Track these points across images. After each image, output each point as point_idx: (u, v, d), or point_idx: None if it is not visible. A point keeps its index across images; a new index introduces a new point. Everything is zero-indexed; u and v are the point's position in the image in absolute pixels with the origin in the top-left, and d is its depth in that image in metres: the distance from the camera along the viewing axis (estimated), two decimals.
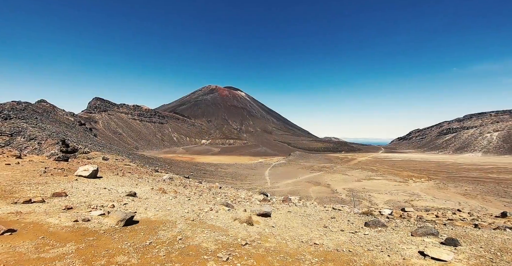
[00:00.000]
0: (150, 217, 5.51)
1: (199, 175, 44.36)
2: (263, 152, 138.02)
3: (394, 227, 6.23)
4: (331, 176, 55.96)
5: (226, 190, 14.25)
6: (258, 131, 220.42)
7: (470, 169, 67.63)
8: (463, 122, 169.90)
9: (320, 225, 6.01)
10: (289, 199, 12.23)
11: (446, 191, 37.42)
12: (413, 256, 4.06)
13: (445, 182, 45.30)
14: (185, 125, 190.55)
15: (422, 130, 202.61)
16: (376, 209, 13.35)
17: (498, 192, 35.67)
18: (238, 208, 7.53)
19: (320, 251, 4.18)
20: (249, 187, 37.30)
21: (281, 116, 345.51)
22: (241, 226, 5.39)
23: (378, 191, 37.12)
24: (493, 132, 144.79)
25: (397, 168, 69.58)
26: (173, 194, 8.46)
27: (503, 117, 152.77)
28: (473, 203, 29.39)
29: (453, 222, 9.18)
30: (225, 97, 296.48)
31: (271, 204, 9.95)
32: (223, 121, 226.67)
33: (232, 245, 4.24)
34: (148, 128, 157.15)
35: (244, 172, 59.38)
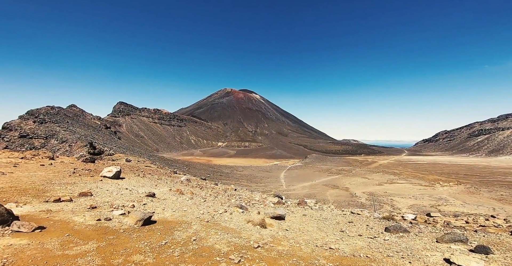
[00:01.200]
0: (167, 217, 5.70)
1: (215, 177, 45.08)
2: (278, 154, 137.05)
3: (417, 232, 5.92)
4: (350, 179, 54.13)
5: (241, 192, 14.34)
6: (273, 134, 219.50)
7: (506, 173, 61.88)
8: (497, 123, 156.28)
9: (337, 230, 5.85)
10: (304, 202, 11.99)
11: (478, 196, 34.85)
12: (437, 263, 3.83)
13: (477, 187, 42.04)
14: (202, 128, 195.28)
15: (450, 132, 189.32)
16: (398, 214, 12.65)
17: None
18: (252, 211, 7.53)
19: (336, 256, 4.06)
20: (264, 190, 37.20)
21: (297, 118, 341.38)
22: (254, 229, 5.39)
23: (401, 195, 35.30)
24: None
25: (422, 172, 65.53)
26: (189, 195, 8.68)
27: None
28: (510, 209, 27.24)
29: (486, 228, 8.54)
30: (240, 100, 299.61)
31: (286, 207, 9.81)
32: (239, 124, 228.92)
33: (244, 247, 4.24)
34: (167, 131, 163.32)
35: (259, 175, 59.37)
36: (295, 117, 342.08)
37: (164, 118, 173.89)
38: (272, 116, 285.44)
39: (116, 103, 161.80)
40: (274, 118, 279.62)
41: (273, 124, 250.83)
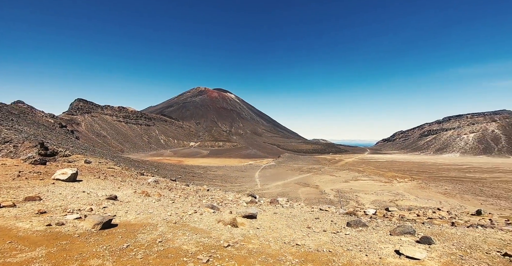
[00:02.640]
0: (130, 220, 5.38)
1: (187, 178, 43.61)
2: (253, 154, 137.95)
3: (374, 226, 6.33)
4: (319, 177, 56.78)
5: (214, 192, 14.07)
6: (248, 133, 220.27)
7: (450, 169, 71.01)
8: (442, 124, 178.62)
9: (304, 226, 6.06)
10: (276, 200, 12.25)
11: (428, 191, 38.91)
12: (389, 255, 4.12)
13: (426, 182, 47.15)
14: (173, 127, 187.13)
15: (405, 132, 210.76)
16: (361, 209, 13.62)
17: (475, 190, 37.59)
18: (224, 211, 7.45)
19: (302, 251, 4.21)
20: (239, 189, 37.16)
21: (271, 118, 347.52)
22: (225, 228, 5.35)
23: (364, 191, 38.04)
24: (469, 133, 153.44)
25: (382, 169, 71.72)
26: (156, 197, 8.26)
27: (478, 119, 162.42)
28: (452, 202, 30.67)
29: (433, 220, 9.50)
30: (214, 99, 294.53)
31: (258, 206, 9.92)
32: (213, 123, 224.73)
33: (214, 247, 4.20)
34: (134, 131, 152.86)
35: (234, 174, 59.04)
36: (269, 117, 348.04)
37: (131, 117, 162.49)
38: (247, 116, 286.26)
39: (74, 100, 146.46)
40: (249, 118, 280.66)
41: (248, 124, 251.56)
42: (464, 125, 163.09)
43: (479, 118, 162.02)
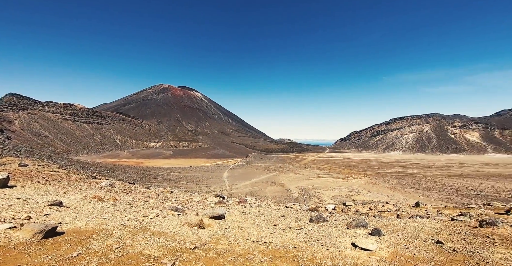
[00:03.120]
0: (80, 227, 4.80)
1: (147, 181, 40.57)
2: (221, 154, 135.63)
3: (334, 221, 6.72)
4: (285, 175, 58.69)
5: (178, 194, 13.37)
6: (216, 133, 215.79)
7: (394, 166, 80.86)
8: (389, 125, 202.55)
9: (271, 224, 6.16)
10: (245, 200, 12.24)
11: (378, 186, 43.19)
12: (347, 247, 4.39)
13: (377, 178, 52.58)
14: (131, 127, 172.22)
15: (359, 132, 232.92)
16: (323, 205, 14.36)
17: (414, 185, 43.09)
18: (189, 213, 7.14)
19: (269, 249, 4.26)
20: (206, 190, 36.08)
21: (239, 118, 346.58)
22: (191, 230, 5.12)
23: (325, 188, 40.55)
24: (410, 133, 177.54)
25: (340, 166, 77.88)
26: (112, 202, 7.45)
27: (416, 121, 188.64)
28: (397, 195, 34.05)
29: (382, 213, 10.39)
30: (179, 97, 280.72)
31: (227, 206, 9.79)
32: (176, 122, 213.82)
33: (179, 250, 4.00)
34: (83, 130, 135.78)
35: (200, 175, 57.07)
36: (238, 117, 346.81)
37: (79, 114, 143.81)
38: (215, 115, 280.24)
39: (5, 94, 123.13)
40: (216, 118, 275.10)
41: (215, 124, 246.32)
42: (406, 126, 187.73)
43: (417, 120, 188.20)
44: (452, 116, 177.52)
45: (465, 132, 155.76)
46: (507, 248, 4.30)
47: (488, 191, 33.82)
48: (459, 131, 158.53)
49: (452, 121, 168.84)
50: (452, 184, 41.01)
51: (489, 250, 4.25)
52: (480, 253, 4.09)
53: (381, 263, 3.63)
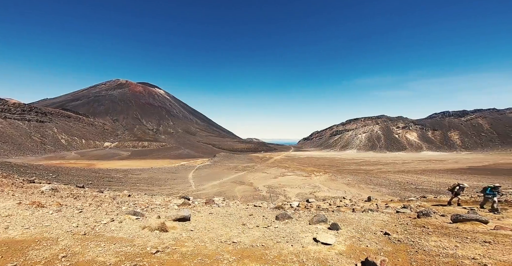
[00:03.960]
0: (15, 236, 4.11)
1: (101, 184, 36.43)
2: (185, 154, 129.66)
3: (297, 218, 6.95)
4: (253, 175, 59.13)
5: (137, 197, 12.32)
6: (180, 132, 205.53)
7: (350, 163, 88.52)
8: (345, 126, 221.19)
9: (240, 223, 6.13)
10: (212, 200, 11.97)
11: (337, 182, 46.10)
12: (309, 243, 4.56)
13: (335, 175, 56.59)
14: (80, 125, 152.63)
15: (320, 132, 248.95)
16: (288, 202, 14.80)
17: (367, 180, 47.19)
18: (150, 216, 6.64)
19: (238, 248, 4.24)
20: (170, 192, 34.08)
21: (205, 117, 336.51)
22: (152, 234, 4.77)
23: (290, 185, 41.90)
24: (362, 133, 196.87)
25: (303, 165, 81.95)
26: (55, 208, 6.45)
27: (368, 122, 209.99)
28: (353, 191, 36.62)
29: (340, 208, 11.00)
30: (138, 94, 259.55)
31: (192, 208, 9.41)
32: (135, 121, 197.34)
33: (139, 255, 3.69)
34: (18, 128, 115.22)
35: (162, 177, 53.61)
36: (204, 116, 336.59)
37: (12, 111, 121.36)
38: (179, 114, 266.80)
39: None
40: (181, 116, 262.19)
41: (179, 122, 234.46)
42: (359, 127, 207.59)
43: (368, 121, 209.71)
44: (397, 118, 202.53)
45: (406, 133, 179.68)
46: (438, 236, 4.87)
47: (424, 185, 38.79)
48: (402, 132, 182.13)
49: (397, 123, 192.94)
50: (397, 179, 46.22)
51: (425, 238, 4.70)
52: (419, 242, 4.51)
53: (339, 256, 3.85)
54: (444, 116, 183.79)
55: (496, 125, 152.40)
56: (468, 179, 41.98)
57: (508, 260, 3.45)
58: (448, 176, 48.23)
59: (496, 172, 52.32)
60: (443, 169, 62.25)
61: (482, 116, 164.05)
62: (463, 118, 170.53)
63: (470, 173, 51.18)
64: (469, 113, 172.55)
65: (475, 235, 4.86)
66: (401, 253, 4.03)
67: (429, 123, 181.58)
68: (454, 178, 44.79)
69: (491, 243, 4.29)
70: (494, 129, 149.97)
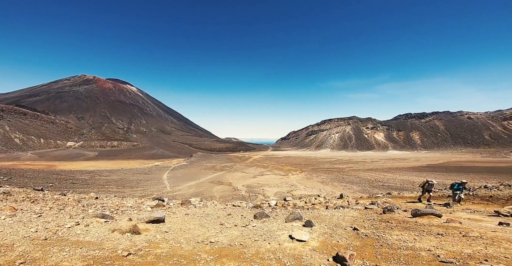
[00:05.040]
0: None
1: (63, 186, 33.28)
2: (160, 154, 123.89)
3: (275, 216, 7.06)
4: (232, 174, 58.66)
5: (105, 200, 11.51)
6: (154, 132, 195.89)
7: (324, 162, 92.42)
8: (320, 126, 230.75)
9: (217, 223, 6.09)
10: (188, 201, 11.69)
11: (312, 181, 47.60)
12: (285, 240, 4.62)
13: (311, 173, 58.53)
14: (38, 123, 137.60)
15: (297, 132, 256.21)
16: (267, 201, 14.88)
17: (339, 178, 49.39)
18: (120, 219, 6.28)
19: (215, 248, 4.23)
20: (142, 194, 32.40)
21: (182, 116, 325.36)
22: (123, 237, 4.54)
23: (269, 185, 42.28)
24: (336, 134, 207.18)
25: (281, 164, 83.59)
26: (9, 212, 5.78)
27: (340, 122, 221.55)
28: (327, 189, 37.80)
29: (315, 206, 11.24)
30: (107, 91, 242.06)
31: (167, 209, 9.12)
32: (104, 119, 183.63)
33: (109, 258, 3.51)
34: None
35: (134, 178, 50.64)
36: (181, 115, 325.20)
37: None
38: (153, 112, 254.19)
39: None
40: (155, 115, 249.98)
41: (153, 121, 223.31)
42: (333, 127, 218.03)
43: (341, 122, 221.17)
44: (366, 119, 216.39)
45: (374, 133, 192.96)
46: (400, 230, 5.16)
47: (390, 182, 41.54)
48: (370, 132, 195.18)
49: (366, 123, 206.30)
50: (366, 177, 49.08)
51: (389, 233, 4.98)
52: (383, 236, 4.76)
53: (313, 252, 3.99)
54: (407, 118, 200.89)
55: (449, 126, 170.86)
56: (427, 176, 46.32)
57: (456, 251, 3.80)
58: (410, 173, 52.69)
59: (449, 169, 58.63)
60: (406, 167, 67.86)
61: (438, 118, 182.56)
62: (423, 120, 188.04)
63: (429, 171, 56.60)
64: (428, 115, 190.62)
65: (430, 228, 5.24)
66: (368, 247, 4.23)
67: (394, 124, 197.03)
68: (415, 175, 49.12)
69: (443, 235, 4.64)
70: (448, 130, 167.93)
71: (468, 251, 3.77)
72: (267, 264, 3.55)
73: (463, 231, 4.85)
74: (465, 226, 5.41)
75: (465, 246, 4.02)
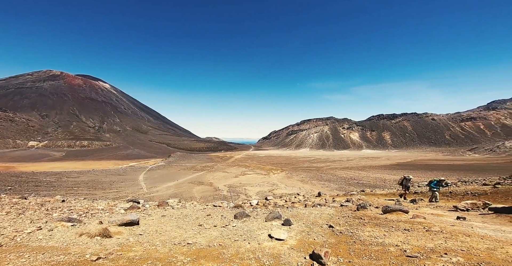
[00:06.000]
0: None
1: (25, 189, 30.19)
2: (135, 154, 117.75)
3: (255, 215, 7.01)
4: (213, 174, 57.62)
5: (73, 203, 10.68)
6: (129, 131, 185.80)
7: (304, 161, 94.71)
8: (300, 126, 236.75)
9: (196, 224, 5.96)
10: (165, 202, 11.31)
11: (292, 179, 47.99)
12: (265, 240, 4.61)
13: (291, 172, 59.32)
14: None
15: (278, 131, 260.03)
16: (249, 200, 14.75)
17: (318, 177, 50.35)
18: (90, 222, 5.90)
19: (193, 249, 4.14)
20: (116, 196, 30.57)
21: (160, 114, 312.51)
22: (91, 241, 4.28)
23: (251, 184, 41.92)
24: (314, 133, 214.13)
25: (262, 163, 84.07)
26: None
27: (319, 123, 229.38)
28: (306, 187, 38.21)
29: (294, 204, 11.34)
30: (77, 87, 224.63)
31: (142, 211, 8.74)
32: (72, 117, 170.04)
33: (75, 263, 3.30)
34: None
35: (107, 179, 47.56)
36: (158, 113, 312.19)
37: None
38: (128, 110, 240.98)
39: None
40: (130, 113, 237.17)
41: (128, 120, 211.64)
42: (312, 127, 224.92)
43: (319, 122, 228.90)
44: (343, 120, 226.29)
45: (350, 133, 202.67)
46: (371, 226, 5.30)
47: (364, 180, 43.41)
48: (346, 132, 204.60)
49: (343, 124, 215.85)
50: (342, 175, 50.95)
51: (362, 229, 5.11)
52: (356, 232, 4.87)
53: (291, 251, 4.02)
54: (379, 119, 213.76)
55: (416, 127, 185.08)
56: (397, 174, 49.68)
57: (420, 245, 4.01)
58: (382, 171, 56.07)
59: (416, 167, 63.49)
60: (378, 165, 72.15)
61: (406, 119, 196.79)
62: (393, 121, 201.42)
63: (398, 169, 60.72)
64: (397, 116, 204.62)
65: (398, 224, 5.42)
66: (342, 244, 4.33)
67: (368, 124, 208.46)
68: (386, 173, 52.32)
69: (409, 231, 4.83)
70: (415, 130, 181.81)
71: (430, 245, 3.96)
72: (247, 264, 3.54)
73: (427, 226, 5.07)
74: (429, 221, 5.70)
75: (428, 240, 4.22)
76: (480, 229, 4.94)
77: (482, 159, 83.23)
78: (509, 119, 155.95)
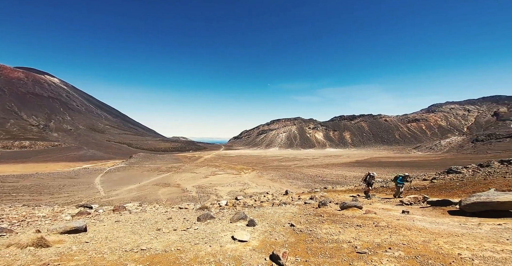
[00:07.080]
0: None
1: None
2: (90, 155, 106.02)
3: (220, 217, 6.70)
4: (180, 175, 55.12)
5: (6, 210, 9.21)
6: (82, 129, 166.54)
7: (273, 160, 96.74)
8: (269, 125, 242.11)
9: (153, 229, 5.62)
10: (122, 207, 10.43)
11: (263, 178, 48.37)
12: (227, 242, 4.44)
13: (262, 171, 59.61)
14: None
15: (249, 131, 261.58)
16: (218, 201, 14.19)
17: (286, 175, 51.57)
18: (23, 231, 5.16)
19: (147, 255, 3.89)
20: (67, 201, 27.20)
21: (120, 112, 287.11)
22: (22, 252, 3.79)
23: (222, 184, 41.08)
24: (283, 133, 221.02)
25: (233, 163, 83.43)
26: None
27: (287, 123, 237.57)
28: (276, 186, 38.53)
29: (263, 203, 11.16)
30: (16, 81, 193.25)
31: (92, 217, 7.96)
32: (9, 114, 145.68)
33: None
34: None
35: (55, 183, 41.86)
36: (118, 111, 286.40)
37: None
38: (81, 108, 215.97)
39: None
40: (83, 110, 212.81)
41: (81, 117, 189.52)
42: (281, 127, 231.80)
43: (287, 122, 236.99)
44: (309, 120, 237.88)
45: (315, 133, 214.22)
46: (329, 223, 5.31)
47: (328, 177, 45.50)
48: (312, 132, 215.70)
49: (309, 124, 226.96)
50: (309, 173, 53.13)
51: (320, 227, 5.06)
52: (315, 230, 4.81)
53: (253, 252, 3.93)
54: (341, 119, 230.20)
55: (372, 127, 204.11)
56: (356, 171, 53.98)
57: (369, 241, 4.01)
58: (343, 169, 60.35)
59: (372, 164, 69.88)
60: (339, 163, 77.52)
61: (364, 120, 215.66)
62: (353, 121, 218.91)
63: (357, 166, 66.13)
64: (356, 117, 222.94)
65: (352, 220, 5.47)
66: (301, 242, 4.27)
67: (331, 124, 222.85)
68: (346, 170, 56.45)
69: (361, 226, 4.89)
70: (371, 131, 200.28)
71: (377, 240, 4.04)
72: None
73: (376, 221, 5.18)
74: (378, 216, 5.82)
75: (376, 235, 4.29)
76: (419, 222, 5.27)
77: (423, 156, 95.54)
78: (444, 121, 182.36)
